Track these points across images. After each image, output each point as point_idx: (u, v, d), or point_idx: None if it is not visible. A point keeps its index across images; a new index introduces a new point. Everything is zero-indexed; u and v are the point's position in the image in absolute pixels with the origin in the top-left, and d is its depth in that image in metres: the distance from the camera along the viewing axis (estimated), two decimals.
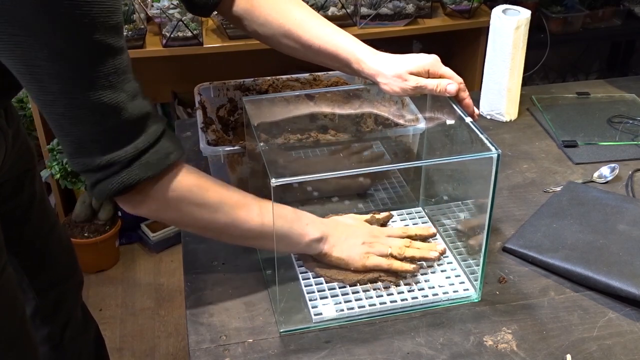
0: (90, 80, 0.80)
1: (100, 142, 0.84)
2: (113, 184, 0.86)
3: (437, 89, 1.06)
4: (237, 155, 1.16)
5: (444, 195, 1.19)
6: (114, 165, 0.85)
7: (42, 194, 1.32)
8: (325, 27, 1.13)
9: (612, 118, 1.51)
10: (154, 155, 0.87)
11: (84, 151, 0.85)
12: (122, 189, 0.86)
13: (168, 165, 0.88)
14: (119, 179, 0.85)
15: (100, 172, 0.85)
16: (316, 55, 1.13)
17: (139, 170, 0.86)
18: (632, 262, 1.06)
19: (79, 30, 0.77)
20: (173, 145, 0.90)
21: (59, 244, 1.39)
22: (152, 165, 0.87)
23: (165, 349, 2.15)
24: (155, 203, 0.91)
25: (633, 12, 2.74)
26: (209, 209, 0.94)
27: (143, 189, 0.88)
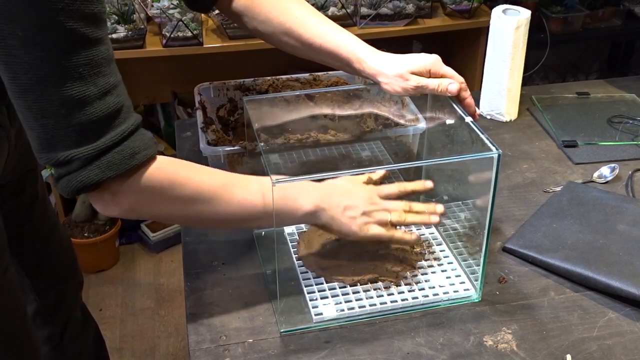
0: (60, 71, 0.78)
1: (63, 138, 0.81)
2: (73, 182, 0.84)
3: (438, 88, 1.06)
4: (237, 155, 1.16)
5: (445, 195, 1.19)
6: (72, 162, 0.83)
7: (43, 195, 1.32)
8: (326, 25, 1.12)
9: (612, 118, 1.51)
10: (117, 155, 0.83)
11: (47, 146, 0.82)
12: (82, 188, 0.84)
13: (133, 166, 0.85)
14: (79, 177, 0.83)
15: (62, 168, 0.84)
16: (317, 53, 1.13)
17: (98, 170, 0.83)
18: (632, 262, 1.06)
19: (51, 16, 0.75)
20: (142, 144, 0.86)
21: (59, 244, 1.38)
22: (113, 166, 0.83)
23: (165, 349, 2.15)
24: (126, 202, 0.88)
25: (633, 12, 2.74)
26: (184, 203, 0.90)
27: (110, 188, 0.86)
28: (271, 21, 1.14)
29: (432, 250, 1.12)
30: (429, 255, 1.11)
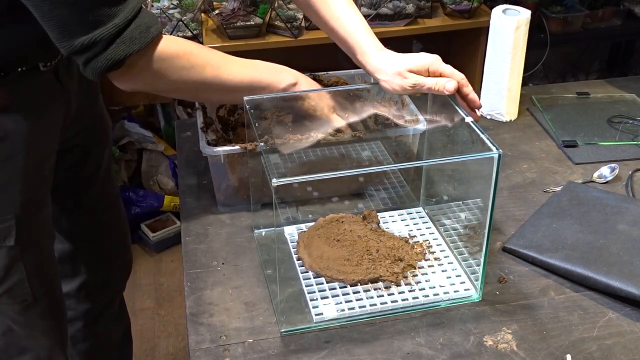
0: None
1: (81, 22, 0.89)
2: (102, 61, 0.92)
3: (435, 87, 1.06)
4: (237, 155, 1.16)
5: (445, 195, 1.19)
6: (97, 43, 0.90)
7: (107, 170, 1.37)
8: (344, 8, 1.15)
9: (612, 118, 1.51)
10: (136, 30, 0.92)
11: (67, 33, 0.89)
12: (111, 65, 0.92)
13: (151, 39, 0.94)
14: (106, 55, 0.91)
15: (88, 51, 0.91)
16: (329, 33, 1.18)
17: (124, 45, 0.92)
18: (632, 262, 1.06)
19: None
20: (151, 19, 0.95)
21: (115, 222, 1.44)
22: (135, 39, 0.92)
23: (165, 349, 2.15)
24: (149, 74, 0.98)
25: (633, 12, 2.74)
26: (197, 70, 1.01)
27: (134, 63, 0.95)
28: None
29: (432, 250, 1.12)
30: (429, 255, 1.11)
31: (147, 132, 2.65)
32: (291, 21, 2.22)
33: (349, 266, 1.05)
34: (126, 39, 0.92)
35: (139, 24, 0.93)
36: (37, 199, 1.15)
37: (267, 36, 2.23)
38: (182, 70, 1.00)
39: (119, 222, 1.45)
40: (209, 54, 1.05)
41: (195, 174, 1.32)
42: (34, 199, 1.13)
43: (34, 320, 1.20)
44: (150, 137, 2.64)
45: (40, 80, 1.09)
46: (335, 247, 1.09)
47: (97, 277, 1.44)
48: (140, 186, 2.59)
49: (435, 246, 1.13)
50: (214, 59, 1.05)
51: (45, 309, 1.21)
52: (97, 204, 1.37)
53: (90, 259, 1.41)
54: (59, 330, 1.27)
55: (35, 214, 1.15)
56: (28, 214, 1.12)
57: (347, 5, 1.15)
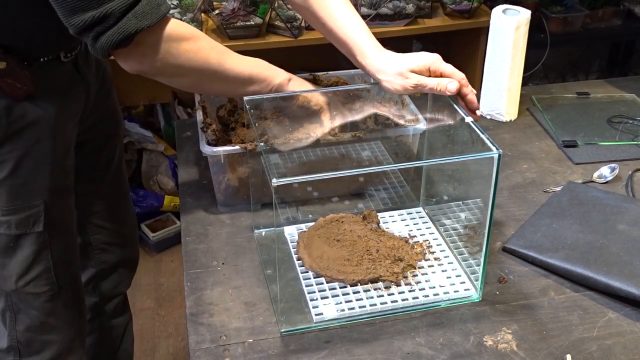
0: None
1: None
2: (114, 35, 0.91)
3: (437, 87, 1.06)
4: (237, 155, 1.16)
5: (445, 195, 1.19)
6: (109, 17, 0.90)
7: (119, 162, 1.39)
8: (342, 9, 1.15)
9: (612, 118, 1.51)
10: (147, 5, 0.93)
11: (78, 8, 0.89)
12: (123, 39, 0.92)
13: (162, 15, 0.95)
14: (118, 29, 0.91)
15: (98, 25, 0.91)
16: (327, 34, 1.17)
17: (136, 19, 0.91)
18: (632, 262, 1.06)
19: None
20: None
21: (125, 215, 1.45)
22: (147, 15, 0.92)
23: (165, 349, 2.15)
24: (156, 52, 0.97)
25: (633, 12, 2.74)
26: (202, 54, 1.02)
27: (143, 40, 0.95)
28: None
29: (432, 250, 1.12)
30: (429, 255, 1.11)
31: (147, 132, 2.65)
32: (291, 21, 2.22)
33: (349, 266, 1.05)
34: (138, 13, 0.92)
35: (150, 0, 0.93)
36: (64, 186, 1.18)
37: (267, 36, 2.23)
38: (189, 52, 1.01)
39: (128, 215, 1.47)
40: (213, 41, 1.06)
41: (195, 174, 1.32)
42: (60, 186, 1.16)
43: (58, 311, 1.23)
44: (150, 137, 2.64)
45: (62, 70, 1.11)
46: (335, 247, 1.09)
47: (106, 270, 1.45)
48: (140, 186, 2.59)
49: (435, 246, 1.13)
50: (219, 46, 1.06)
51: (69, 299, 1.24)
52: (109, 196, 1.39)
53: (100, 251, 1.42)
54: (80, 321, 1.29)
55: (62, 201, 1.18)
56: (56, 200, 1.15)
57: (345, 7, 1.14)
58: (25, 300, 1.19)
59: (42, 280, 1.17)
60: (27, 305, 1.20)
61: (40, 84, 1.07)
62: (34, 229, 1.13)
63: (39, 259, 1.16)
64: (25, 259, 1.15)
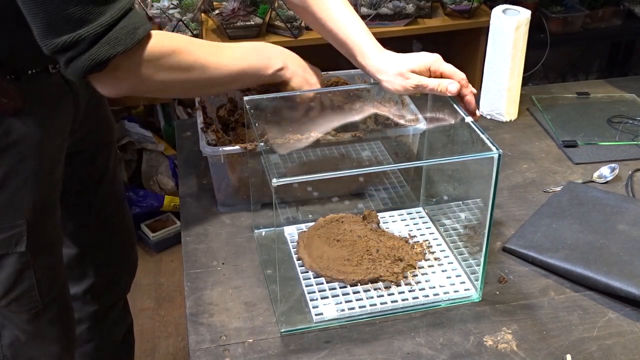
0: None
1: (67, 20, 0.86)
2: (84, 61, 0.88)
3: (438, 88, 1.06)
4: (237, 155, 1.16)
5: (445, 195, 1.19)
6: (80, 43, 0.87)
7: (114, 171, 1.37)
8: (342, 10, 1.14)
9: (612, 118, 1.51)
10: (122, 30, 0.89)
11: (52, 31, 0.87)
12: (95, 65, 0.88)
13: (138, 40, 0.91)
14: (91, 55, 0.88)
15: (70, 50, 0.88)
16: (327, 35, 1.16)
17: (108, 46, 0.88)
18: (632, 262, 1.06)
19: None
20: (140, 20, 0.92)
21: (121, 223, 1.43)
22: (121, 41, 0.89)
23: (165, 349, 2.15)
24: (133, 77, 0.94)
25: (633, 12, 2.74)
26: (183, 69, 0.98)
27: (118, 65, 0.91)
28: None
29: (432, 250, 1.12)
30: (429, 255, 1.11)
31: (147, 132, 2.65)
32: (291, 21, 2.22)
33: (349, 266, 1.05)
34: (111, 40, 0.88)
35: (126, 24, 0.90)
36: (48, 203, 1.14)
37: (267, 36, 2.23)
38: (169, 70, 0.97)
39: (124, 222, 1.45)
40: (197, 50, 1.02)
41: (195, 174, 1.32)
42: (45, 203, 1.13)
43: (43, 328, 1.20)
44: (150, 137, 2.64)
45: (50, 82, 1.09)
46: (335, 247, 1.09)
47: (104, 278, 1.43)
48: (140, 186, 2.60)
49: (435, 246, 1.13)
50: (202, 55, 1.02)
51: (54, 315, 1.21)
52: (105, 205, 1.37)
53: (97, 261, 1.40)
54: (67, 336, 1.26)
55: (47, 219, 1.14)
56: (40, 218, 1.11)
57: (344, 8, 1.14)
58: (8, 317, 1.17)
59: (25, 299, 1.14)
60: (11, 322, 1.18)
61: (28, 98, 1.04)
62: (16, 249, 1.09)
63: (21, 278, 1.12)
64: (6, 279, 1.12)
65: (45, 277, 1.16)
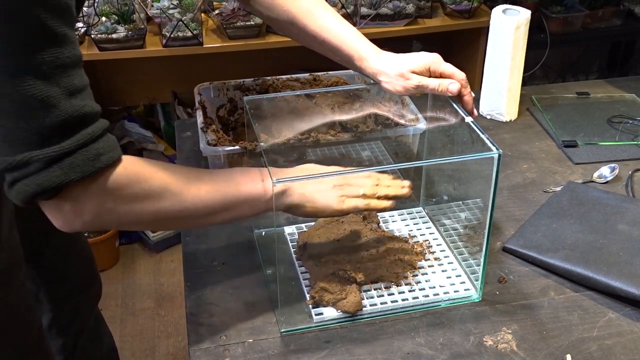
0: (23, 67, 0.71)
1: (23, 140, 0.74)
2: (31, 186, 0.75)
3: (438, 88, 1.06)
4: (237, 155, 1.16)
5: (445, 195, 1.19)
6: (31, 164, 0.74)
7: None
8: (331, 18, 1.12)
9: (612, 118, 1.51)
10: (81, 156, 0.76)
11: (7, 149, 0.74)
12: (41, 192, 0.76)
13: (98, 169, 0.78)
14: (38, 179, 0.75)
15: (17, 171, 0.75)
16: (320, 46, 1.13)
17: (60, 171, 0.75)
18: (632, 262, 1.06)
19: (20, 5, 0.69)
20: (107, 146, 0.79)
21: (79, 255, 1.36)
22: (77, 167, 0.76)
23: (165, 349, 2.15)
24: (90, 209, 0.80)
25: (633, 12, 2.74)
26: (151, 200, 0.83)
27: (70, 196, 0.78)
28: (276, 8, 1.13)
29: (432, 250, 1.12)
30: (429, 255, 1.11)
31: (147, 132, 2.65)
32: None
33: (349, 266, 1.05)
34: (65, 165, 0.75)
35: (88, 150, 0.77)
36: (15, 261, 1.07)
37: (267, 36, 2.23)
38: (132, 202, 0.82)
39: (82, 253, 1.37)
40: (170, 176, 0.85)
41: None
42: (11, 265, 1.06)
43: None
44: (150, 137, 2.64)
45: None
46: (335, 247, 1.09)
47: (66, 310, 1.35)
48: None
49: (435, 246, 1.13)
50: (176, 182, 0.85)
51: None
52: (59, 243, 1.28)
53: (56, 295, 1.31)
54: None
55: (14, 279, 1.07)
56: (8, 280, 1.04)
57: (333, 16, 1.12)
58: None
59: None
60: None
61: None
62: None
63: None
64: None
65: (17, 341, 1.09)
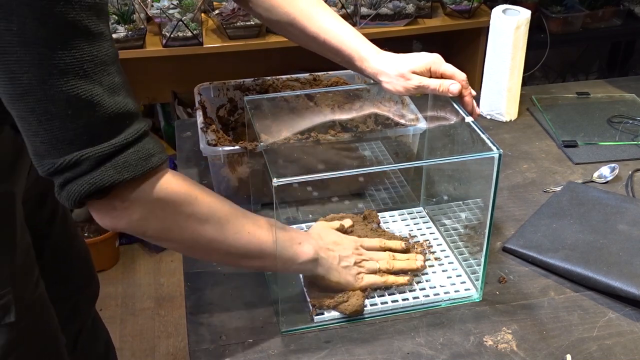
0: (63, 67, 0.72)
1: (72, 140, 0.74)
2: (84, 186, 0.75)
3: (439, 89, 1.06)
4: (237, 155, 1.16)
5: (445, 195, 1.19)
6: (82, 163, 0.75)
7: (64, 208, 1.28)
8: (331, 19, 1.12)
9: (612, 118, 1.51)
10: (133, 155, 0.77)
11: (54, 151, 0.75)
12: (94, 192, 0.75)
13: (150, 169, 0.78)
14: (92, 179, 0.75)
15: (69, 171, 0.75)
16: (319, 47, 1.13)
17: (114, 170, 0.75)
18: (632, 262, 1.06)
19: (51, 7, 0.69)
20: (156, 147, 0.81)
21: (77, 255, 1.36)
22: (130, 166, 0.76)
23: (165, 349, 2.15)
24: (137, 212, 0.80)
25: (633, 12, 2.74)
26: (198, 220, 0.84)
27: (121, 195, 0.78)
28: (276, 9, 1.13)
29: (432, 250, 1.12)
30: (429, 255, 1.11)
31: None
32: None
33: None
34: (118, 164, 0.75)
35: (140, 149, 0.78)
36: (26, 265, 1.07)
37: (267, 36, 2.23)
38: (179, 217, 0.83)
39: (80, 254, 1.37)
40: (218, 205, 0.87)
41: (195, 174, 1.32)
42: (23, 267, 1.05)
43: None
44: None
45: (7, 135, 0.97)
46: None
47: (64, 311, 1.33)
48: None
49: (435, 246, 1.13)
50: (223, 212, 0.87)
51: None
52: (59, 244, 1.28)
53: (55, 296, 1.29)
54: None
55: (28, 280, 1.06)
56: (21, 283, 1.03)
57: (333, 17, 1.12)
58: None
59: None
60: None
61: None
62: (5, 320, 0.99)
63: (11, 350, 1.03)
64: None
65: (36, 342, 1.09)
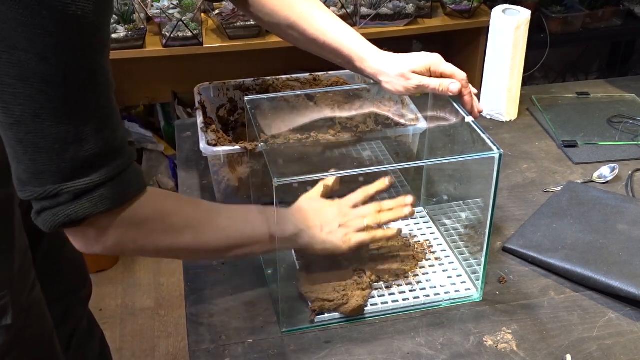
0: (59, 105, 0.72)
1: (55, 173, 0.75)
2: (59, 216, 0.77)
3: (439, 88, 1.06)
4: (237, 155, 1.16)
5: (445, 195, 1.19)
6: (61, 195, 0.76)
7: None
8: (330, 21, 1.12)
9: (612, 118, 1.51)
10: (111, 189, 0.78)
11: (35, 180, 0.76)
12: (68, 222, 0.78)
13: (123, 202, 0.81)
14: (67, 210, 0.77)
15: (47, 200, 0.77)
16: (320, 49, 1.13)
17: (89, 204, 0.77)
18: (632, 262, 1.06)
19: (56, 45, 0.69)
20: (135, 177, 0.82)
21: (71, 256, 1.36)
22: (106, 200, 0.78)
23: (165, 349, 2.15)
24: (113, 238, 0.82)
25: (633, 12, 2.74)
26: (173, 233, 0.87)
27: (95, 223, 0.80)
28: (276, 14, 1.14)
29: (432, 249, 1.12)
30: (429, 255, 1.11)
31: (147, 132, 2.65)
32: None
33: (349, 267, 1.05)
34: (95, 197, 0.77)
35: (118, 183, 0.79)
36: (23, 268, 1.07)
37: (267, 36, 2.23)
38: (154, 234, 0.86)
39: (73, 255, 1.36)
40: (191, 213, 0.90)
41: (195, 174, 1.32)
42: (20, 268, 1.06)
43: None
44: (150, 137, 2.64)
45: None
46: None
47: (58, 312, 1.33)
48: None
49: (435, 246, 1.13)
50: (196, 219, 0.90)
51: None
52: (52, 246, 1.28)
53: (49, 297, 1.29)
54: None
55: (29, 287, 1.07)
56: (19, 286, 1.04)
57: (331, 18, 1.12)
58: None
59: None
60: None
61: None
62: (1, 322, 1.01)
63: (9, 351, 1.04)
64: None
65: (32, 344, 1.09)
